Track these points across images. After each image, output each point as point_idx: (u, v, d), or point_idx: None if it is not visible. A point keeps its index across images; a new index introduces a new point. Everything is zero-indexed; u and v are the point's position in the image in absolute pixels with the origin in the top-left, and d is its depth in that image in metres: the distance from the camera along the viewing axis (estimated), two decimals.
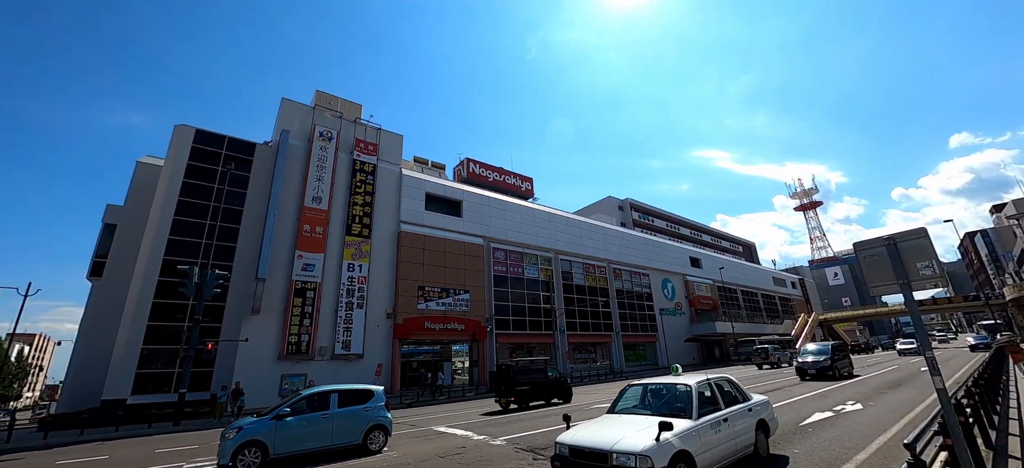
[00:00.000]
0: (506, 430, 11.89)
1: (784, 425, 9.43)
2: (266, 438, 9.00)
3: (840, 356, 22.46)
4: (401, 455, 9.47)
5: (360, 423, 10.09)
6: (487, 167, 49.85)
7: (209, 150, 28.99)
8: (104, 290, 28.25)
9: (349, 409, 10.18)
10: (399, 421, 15.73)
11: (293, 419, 9.48)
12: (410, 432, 12.90)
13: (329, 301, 28.82)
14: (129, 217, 30.10)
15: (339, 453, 9.83)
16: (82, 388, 25.95)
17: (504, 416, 15.40)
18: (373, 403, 10.50)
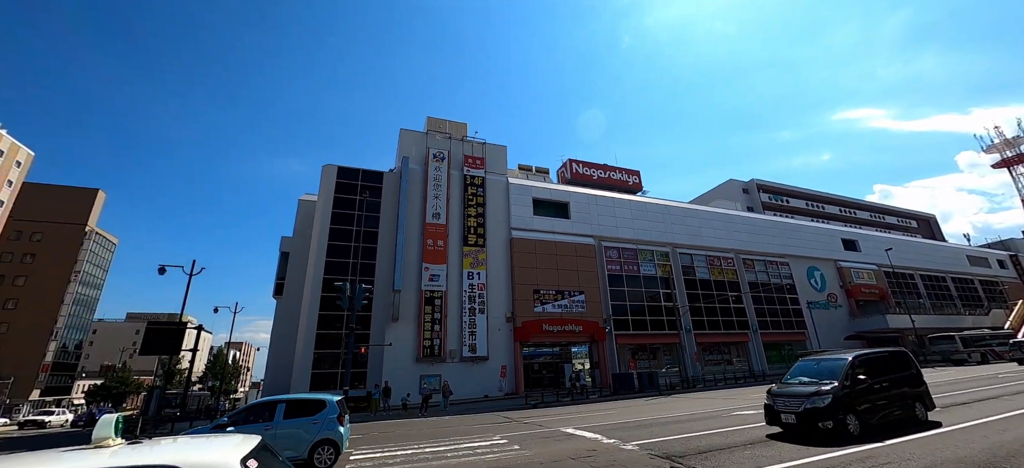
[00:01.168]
0: (637, 434, 11.45)
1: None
2: None
3: (882, 381, 9.90)
4: (534, 454, 9.73)
5: (305, 436, 9.33)
6: (590, 166, 49.01)
7: (349, 183, 33.78)
8: (285, 306, 34.74)
9: (295, 421, 9.53)
10: (526, 421, 16.24)
11: (232, 430, 9.00)
12: (539, 432, 13.20)
13: (454, 307, 31.16)
14: (298, 245, 36.57)
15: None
16: (277, 384, 32.17)
17: (635, 419, 14.86)
18: (323, 415, 9.62)
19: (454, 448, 11.00)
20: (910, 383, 10.32)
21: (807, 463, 7.33)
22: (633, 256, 39.22)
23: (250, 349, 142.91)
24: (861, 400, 9.27)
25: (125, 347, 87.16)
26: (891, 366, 10.41)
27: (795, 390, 9.71)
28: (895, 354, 10.72)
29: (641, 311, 37.27)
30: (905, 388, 10.15)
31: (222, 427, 9.24)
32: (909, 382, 10.32)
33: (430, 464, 9.31)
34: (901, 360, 10.68)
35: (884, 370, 10.18)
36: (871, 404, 9.40)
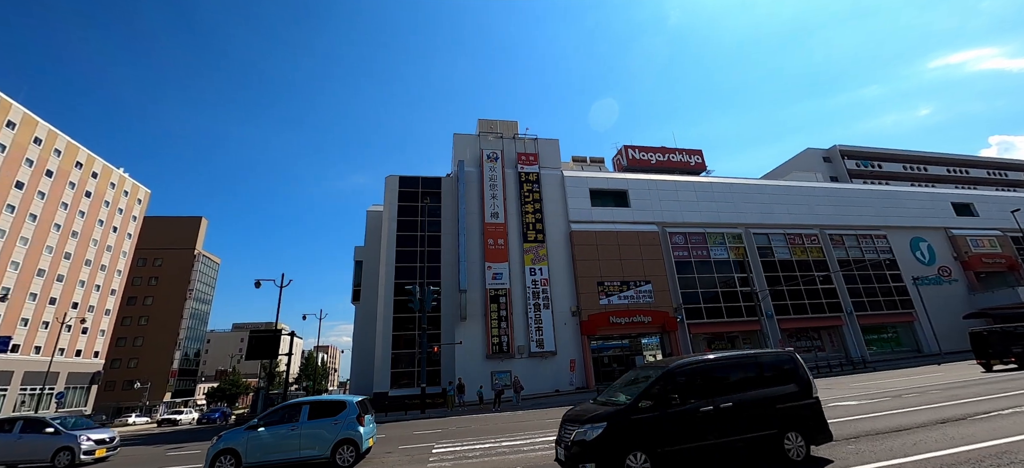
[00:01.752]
0: None
1: None
2: (239, 447, 9.49)
3: (720, 402, 6.89)
4: None
5: (327, 436, 9.77)
6: (647, 150, 47.09)
7: (410, 191, 35.41)
8: (363, 310, 37.25)
9: (318, 422, 9.95)
10: None
11: (264, 430, 9.72)
12: None
13: (519, 304, 31.54)
14: (369, 253, 39.03)
15: (313, 466, 9.73)
16: (361, 383, 34.63)
17: None
18: (344, 416, 10.01)
19: (530, 442, 11.17)
20: (780, 403, 6.90)
21: None
22: (701, 240, 37.16)
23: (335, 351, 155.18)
24: (665, 431, 6.40)
25: (233, 354, 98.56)
26: (746, 381, 7.10)
27: (590, 411, 6.98)
28: (759, 362, 7.33)
29: (714, 298, 35.22)
30: (767, 411, 6.82)
31: (254, 427, 9.86)
32: (779, 402, 6.90)
33: (508, 458, 9.54)
34: (772, 370, 7.25)
35: (729, 387, 6.98)
36: (686, 436, 6.47)
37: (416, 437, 14.18)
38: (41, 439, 13.13)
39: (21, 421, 13.48)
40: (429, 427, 17.10)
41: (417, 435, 14.75)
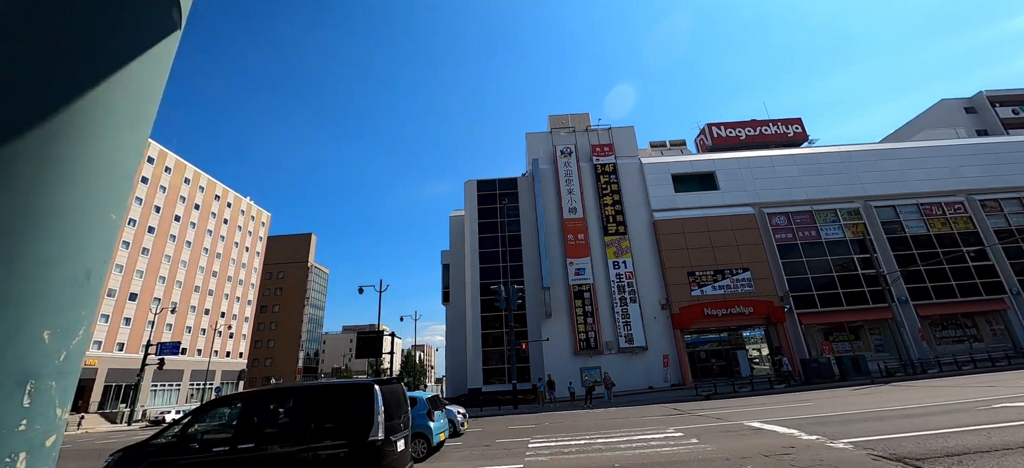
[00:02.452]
0: (848, 430, 9.71)
1: None
2: None
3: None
4: (717, 450, 9.09)
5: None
6: (734, 125, 43.20)
7: (488, 193, 36.55)
8: (453, 311, 39.39)
9: None
10: (700, 413, 15.20)
11: None
12: (717, 426, 12.24)
13: (604, 299, 30.97)
14: (455, 256, 41.09)
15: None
16: (455, 379, 36.69)
17: (840, 412, 12.62)
18: (415, 412, 10.21)
19: (626, 440, 10.98)
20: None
21: None
22: (808, 219, 33.17)
23: (430, 350, 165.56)
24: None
25: (345, 353, 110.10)
26: (290, 428, 5.55)
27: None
28: (315, 400, 5.87)
29: (829, 283, 31.23)
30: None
31: None
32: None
33: (604, 454, 9.49)
34: (332, 415, 5.64)
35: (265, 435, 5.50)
36: None
37: (511, 432, 14.68)
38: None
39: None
40: (522, 422, 17.58)
41: (512, 430, 15.26)
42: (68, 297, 0.86)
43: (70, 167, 0.89)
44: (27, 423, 0.77)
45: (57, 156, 0.88)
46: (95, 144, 0.95)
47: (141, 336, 45.08)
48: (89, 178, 0.93)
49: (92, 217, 0.93)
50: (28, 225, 0.82)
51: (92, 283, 0.92)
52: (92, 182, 0.93)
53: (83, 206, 0.91)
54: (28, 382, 0.78)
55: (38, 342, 0.80)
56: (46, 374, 0.81)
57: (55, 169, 0.87)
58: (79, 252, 0.89)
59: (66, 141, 0.90)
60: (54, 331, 0.83)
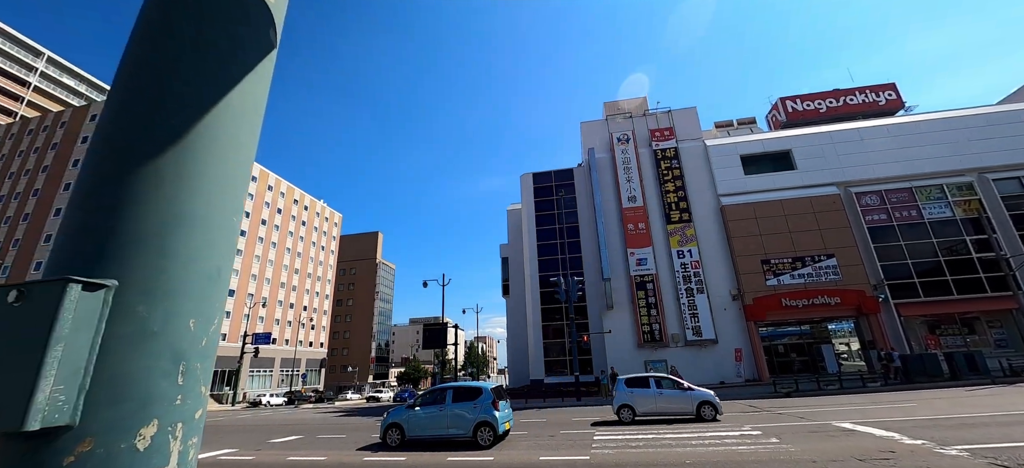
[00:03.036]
0: (963, 436, 8.56)
1: None
2: (403, 422, 11.26)
3: None
4: (802, 451, 8.44)
5: (468, 417, 10.74)
6: (812, 97, 39.19)
7: (544, 186, 36.40)
8: (512, 303, 39.90)
9: (460, 404, 10.99)
10: (780, 411, 14.16)
11: (420, 410, 11.34)
12: (801, 425, 11.34)
13: (668, 290, 29.75)
14: (514, 250, 41.52)
15: (458, 444, 10.79)
16: (517, 370, 37.22)
17: (952, 415, 11.17)
18: (481, 401, 10.87)
19: (698, 435, 10.53)
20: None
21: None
22: (906, 197, 29.36)
23: (492, 341, 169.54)
24: None
25: (412, 344, 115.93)
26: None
27: None
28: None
29: (935, 269, 27.48)
30: None
31: (412, 407, 11.59)
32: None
33: (674, 450, 9.18)
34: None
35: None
36: None
37: (575, 423, 14.65)
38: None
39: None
40: (586, 414, 17.46)
41: (576, 421, 15.23)
42: (205, 290, 1.00)
43: (200, 179, 1.03)
44: (182, 398, 0.92)
45: (190, 170, 1.02)
46: (217, 158, 1.09)
47: (239, 327, 50.73)
48: (214, 188, 1.07)
49: (219, 221, 1.07)
50: (172, 230, 0.96)
51: (222, 278, 1.06)
52: (217, 191, 1.07)
53: (211, 212, 1.05)
54: (181, 363, 0.93)
55: (185, 329, 0.95)
56: (193, 356, 0.96)
57: (189, 182, 1.01)
58: (211, 251, 1.03)
59: (195, 157, 1.04)
60: (197, 319, 0.97)
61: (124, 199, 0.93)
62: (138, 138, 1.00)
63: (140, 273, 0.89)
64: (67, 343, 0.77)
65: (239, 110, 1.17)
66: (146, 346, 0.87)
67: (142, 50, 1.13)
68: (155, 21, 1.15)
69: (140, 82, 1.08)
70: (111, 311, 0.85)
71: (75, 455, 0.76)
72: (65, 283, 0.79)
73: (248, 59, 1.24)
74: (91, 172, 0.98)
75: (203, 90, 1.10)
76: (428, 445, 11.20)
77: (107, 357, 0.82)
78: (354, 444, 12.23)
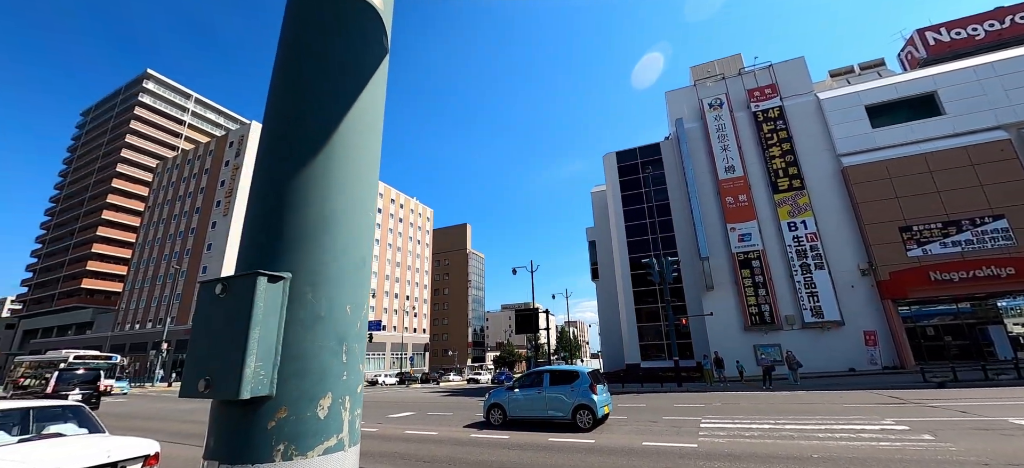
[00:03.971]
0: None
1: None
2: (504, 403, 11.69)
3: None
4: (964, 450, 7.08)
5: (566, 400, 10.86)
6: (962, 23, 31.95)
7: (629, 164, 34.82)
8: (602, 287, 39.18)
9: (557, 387, 11.18)
10: (932, 403, 12.03)
11: (519, 392, 11.73)
12: (964, 421, 9.50)
13: (778, 266, 26.83)
14: (601, 233, 40.61)
15: (557, 425, 11.00)
16: (611, 355, 36.64)
17: None
18: (578, 384, 10.93)
19: (825, 428, 9.38)
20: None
21: None
22: None
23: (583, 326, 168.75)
24: None
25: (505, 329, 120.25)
26: None
27: None
28: None
29: None
30: None
31: (511, 389, 11.93)
32: None
33: (796, 442, 8.28)
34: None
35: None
36: None
37: (677, 409, 13.98)
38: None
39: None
40: (689, 400, 16.57)
41: (678, 407, 14.52)
42: (355, 278, 1.12)
43: (343, 180, 1.15)
44: (347, 374, 1.04)
45: (335, 173, 1.14)
46: (354, 159, 1.20)
47: None
48: (355, 187, 1.18)
49: (361, 216, 1.18)
50: (326, 226, 1.08)
51: (367, 267, 1.17)
52: (357, 190, 1.18)
53: (355, 209, 1.16)
54: (343, 343, 1.05)
55: (344, 313, 1.06)
56: (351, 337, 1.07)
57: (335, 183, 1.13)
58: (357, 244, 1.15)
59: (337, 160, 1.15)
60: (352, 304, 1.09)
61: (286, 201, 1.07)
62: (290, 147, 1.14)
63: (306, 266, 1.02)
64: (262, 327, 0.91)
65: (366, 114, 1.28)
66: (317, 329, 0.99)
67: (284, 70, 1.28)
68: (290, 42, 1.29)
69: (286, 98, 1.22)
70: (289, 299, 0.98)
71: (275, 420, 0.90)
72: (256, 277, 0.93)
73: (369, 67, 1.34)
74: (260, 179, 1.14)
75: (337, 99, 1.21)
76: (528, 425, 11.51)
77: (289, 338, 0.96)
78: (460, 422, 13.08)
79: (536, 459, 7.75)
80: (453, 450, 8.83)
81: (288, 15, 1.33)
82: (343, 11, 1.30)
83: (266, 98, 1.30)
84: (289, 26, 1.31)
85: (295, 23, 1.29)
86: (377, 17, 1.43)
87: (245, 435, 0.88)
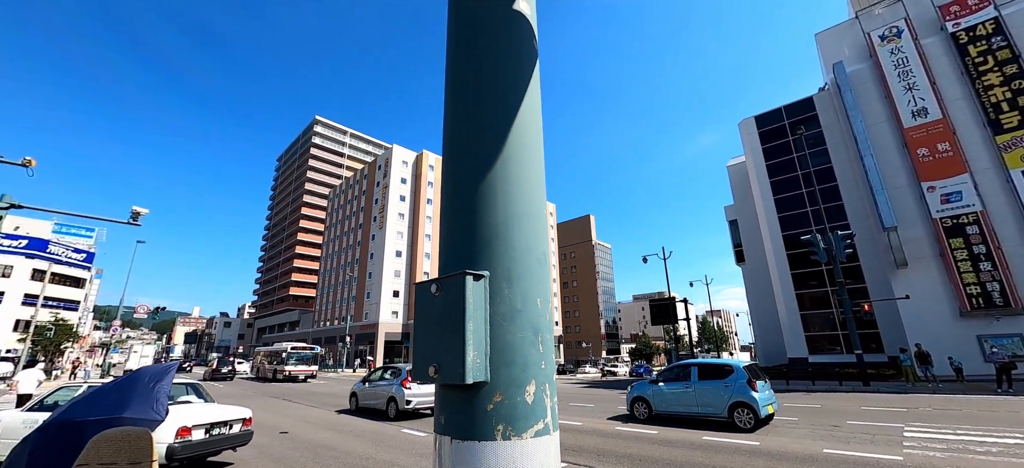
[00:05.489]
0: None
1: None
2: (649, 396, 11.29)
3: None
4: None
5: (720, 397, 10.01)
6: None
7: (773, 128, 30.18)
8: (751, 271, 34.77)
9: (708, 382, 10.41)
10: None
11: (663, 385, 11.19)
12: None
13: (1010, 231, 20.41)
14: (742, 210, 36.10)
15: (710, 423, 10.24)
16: (768, 347, 32.28)
17: None
18: (732, 380, 10.03)
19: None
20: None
21: None
22: None
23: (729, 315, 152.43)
24: None
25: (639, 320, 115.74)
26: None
27: None
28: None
29: None
30: None
31: (655, 382, 11.48)
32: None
33: None
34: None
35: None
36: None
37: (866, 413, 11.64)
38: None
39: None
40: (881, 403, 13.66)
41: (867, 411, 12.08)
42: (539, 273, 1.19)
43: (520, 183, 1.22)
44: (544, 364, 1.11)
45: (513, 177, 1.22)
46: (526, 163, 1.27)
47: None
48: (530, 188, 1.25)
49: (538, 213, 1.24)
50: (512, 225, 1.16)
51: (547, 262, 1.23)
52: (533, 191, 1.25)
53: (533, 207, 1.23)
54: (539, 334, 1.12)
55: (535, 306, 1.13)
56: (544, 329, 1.14)
57: (515, 186, 1.21)
58: (538, 241, 1.21)
59: (513, 164, 1.23)
60: (541, 298, 1.16)
61: (475, 207, 1.17)
62: (471, 157, 1.24)
63: (500, 264, 1.11)
64: (474, 320, 1.02)
65: (530, 118, 1.34)
66: (516, 321, 1.08)
67: (455, 91, 1.41)
68: (457, 62, 1.42)
69: (460, 115, 1.35)
70: (490, 295, 1.09)
71: (492, 404, 1.01)
72: (463, 276, 1.05)
73: (526, 74, 1.40)
74: (449, 188, 1.27)
75: (506, 110, 1.29)
76: (675, 421, 10.88)
77: (495, 330, 1.06)
78: (603, 413, 12.98)
79: (691, 458, 7.26)
80: (601, 441, 8.80)
81: (451, 36, 1.47)
82: (500, 25, 1.38)
83: (443, 116, 1.44)
84: (454, 46, 1.45)
85: (458, 43, 1.42)
86: (529, 26, 1.49)
87: (470, 415, 1.01)
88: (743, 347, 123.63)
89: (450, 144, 1.34)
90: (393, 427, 10.77)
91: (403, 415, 12.26)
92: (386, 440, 9.18)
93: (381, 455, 7.78)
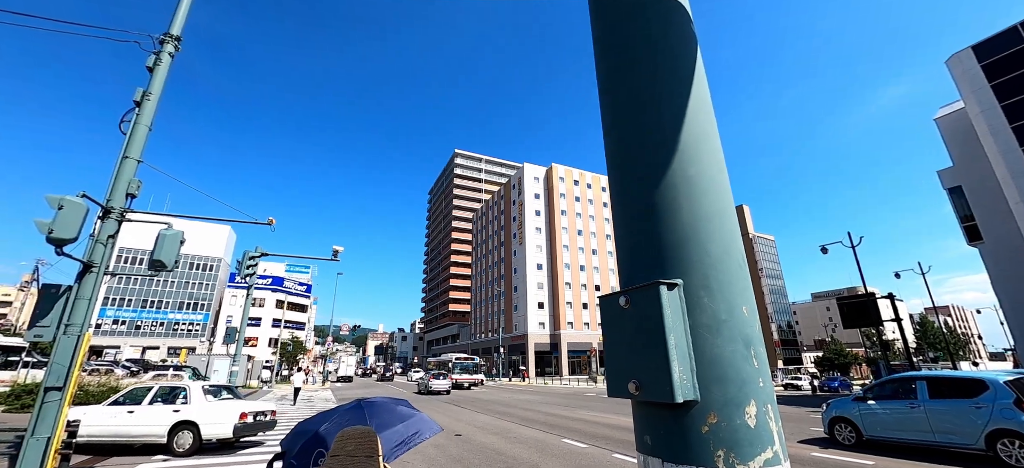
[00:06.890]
0: None
1: None
2: (855, 418, 9.25)
3: None
4: None
5: (969, 422, 7.57)
6: None
7: (1006, 55, 22.43)
8: (994, 250, 26.01)
9: (946, 402, 8.06)
10: None
11: (875, 404, 9.10)
12: None
13: None
14: (968, 173, 27.41)
15: (954, 455, 7.95)
16: None
17: None
18: (986, 399, 7.49)
19: None
20: None
21: None
22: None
23: (964, 311, 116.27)
24: None
25: (824, 323, 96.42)
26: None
27: None
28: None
29: None
30: None
31: (862, 399, 9.41)
32: None
33: None
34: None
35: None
36: None
37: None
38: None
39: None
40: None
41: None
42: (743, 280, 1.05)
43: (701, 181, 1.11)
44: (762, 381, 0.97)
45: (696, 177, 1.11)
46: (705, 159, 1.15)
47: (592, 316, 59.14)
48: (719, 185, 1.13)
49: (729, 216, 1.11)
50: (703, 227, 1.06)
51: (746, 266, 1.09)
52: (718, 190, 1.12)
53: (725, 207, 1.11)
54: (751, 347, 0.98)
55: (743, 315, 1.00)
56: (755, 341, 1.00)
57: (698, 186, 1.10)
58: (734, 243, 1.08)
59: (690, 161, 1.13)
60: (747, 306, 1.02)
61: (653, 210, 1.09)
62: (640, 158, 1.17)
63: (695, 269, 1.02)
64: (674, 333, 0.95)
65: (701, 104, 1.22)
66: (722, 333, 0.97)
67: (613, 85, 1.34)
68: (613, 57, 1.36)
69: (622, 113, 1.27)
70: (688, 304, 1.00)
71: (707, 426, 0.91)
72: (657, 286, 0.99)
73: (689, 60, 1.28)
74: (619, 195, 1.22)
75: (675, 96, 1.19)
76: (897, 450, 8.63)
77: (698, 344, 0.97)
78: (792, 435, 11.06)
79: None
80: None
81: (601, 27, 1.41)
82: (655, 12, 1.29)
83: (601, 120, 1.39)
84: (606, 40, 1.39)
85: (609, 34, 1.37)
86: (685, 11, 1.38)
87: (682, 437, 0.93)
88: (994, 355, 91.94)
89: (617, 147, 1.27)
90: (554, 437, 10.99)
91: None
92: (548, 448, 9.43)
93: (546, 464, 8.00)
